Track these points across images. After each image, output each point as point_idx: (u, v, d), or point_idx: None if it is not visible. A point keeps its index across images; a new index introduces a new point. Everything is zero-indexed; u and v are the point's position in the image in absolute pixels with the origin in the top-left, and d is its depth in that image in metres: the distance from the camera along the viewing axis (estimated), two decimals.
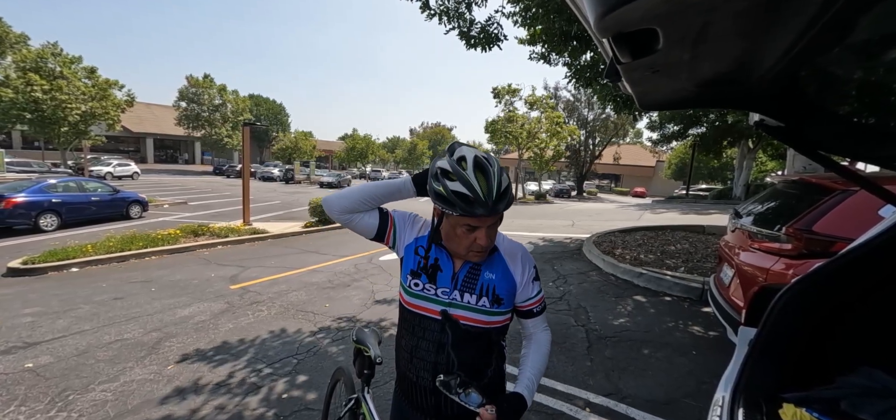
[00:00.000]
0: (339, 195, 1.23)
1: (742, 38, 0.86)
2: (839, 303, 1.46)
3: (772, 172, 28.52)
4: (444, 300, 1.16)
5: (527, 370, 1.21)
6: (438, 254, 1.19)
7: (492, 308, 1.16)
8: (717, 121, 20.39)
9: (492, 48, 6.92)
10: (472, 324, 1.16)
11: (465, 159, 1.03)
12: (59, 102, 22.91)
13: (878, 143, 1.24)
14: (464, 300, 1.16)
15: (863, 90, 1.19)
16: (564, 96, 33.73)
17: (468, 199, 1.01)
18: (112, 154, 32.93)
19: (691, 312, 4.71)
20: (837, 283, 1.47)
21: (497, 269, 1.19)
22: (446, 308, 1.16)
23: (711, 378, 3.21)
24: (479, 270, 1.17)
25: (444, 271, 1.17)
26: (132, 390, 3.01)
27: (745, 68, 1.05)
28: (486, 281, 1.17)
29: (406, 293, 1.22)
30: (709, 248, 7.66)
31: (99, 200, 10.90)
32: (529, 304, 1.25)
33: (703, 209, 20.06)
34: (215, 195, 19.40)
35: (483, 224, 1.07)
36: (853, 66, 1.06)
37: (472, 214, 1.02)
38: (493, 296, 1.16)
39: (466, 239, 1.09)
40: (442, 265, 1.18)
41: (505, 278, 1.19)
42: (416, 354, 1.20)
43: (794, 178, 3.28)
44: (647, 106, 1.41)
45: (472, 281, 1.16)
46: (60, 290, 5.33)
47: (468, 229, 1.08)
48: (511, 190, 1.08)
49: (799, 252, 2.59)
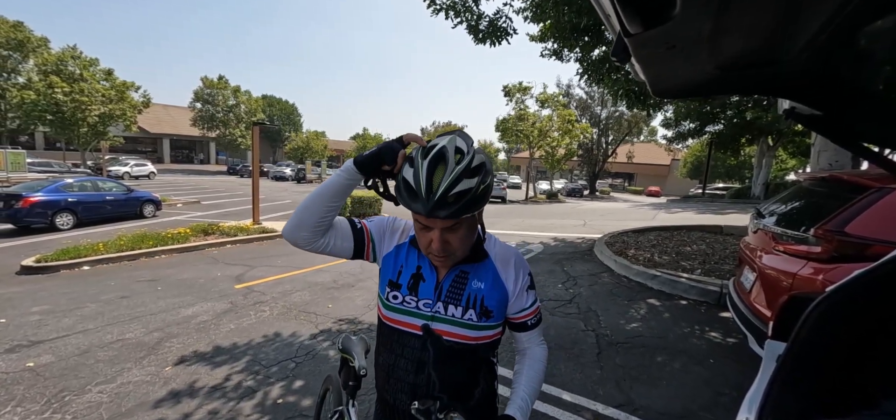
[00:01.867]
0: (291, 219, 1.04)
1: (776, 5, 0.70)
2: (885, 317, 1.28)
3: (794, 170, 27.65)
4: (425, 313, 1.03)
5: (520, 390, 1.06)
6: (421, 261, 1.06)
7: (479, 322, 1.02)
8: (735, 117, 19.80)
9: (501, 42, 6.77)
10: (457, 340, 1.02)
11: (432, 148, 0.90)
12: (79, 104, 23.52)
13: None
14: (448, 313, 1.02)
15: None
16: (577, 94, 33.32)
17: (410, 190, 0.90)
18: (130, 154, 33.71)
19: (708, 317, 4.48)
20: (881, 295, 1.29)
21: (487, 277, 1.04)
22: (428, 322, 1.02)
23: (730, 389, 3.01)
24: (466, 278, 1.03)
25: (426, 281, 1.04)
26: (128, 392, 2.96)
27: (775, 45, 0.89)
28: (474, 290, 1.03)
29: (383, 306, 1.08)
30: (727, 250, 7.37)
31: (114, 199, 11.09)
32: (523, 316, 1.10)
33: (721, 209, 19.53)
34: (228, 194, 19.63)
35: (432, 225, 0.93)
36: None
37: (412, 209, 0.91)
38: (480, 308, 1.02)
39: (423, 238, 0.97)
40: (425, 273, 1.05)
41: (495, 287, 1.04)
42: (394, 374, 1.06)
43: (823, 175, 3.05)
44: (661, 92, 1.25)
45: (457, 291, 1.02)
46: (70, 289, 5.37)
47: (422, 227, 0.96)
48: (475, 195, 0.89)
49: (830, 255, 2.38)
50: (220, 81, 39.51)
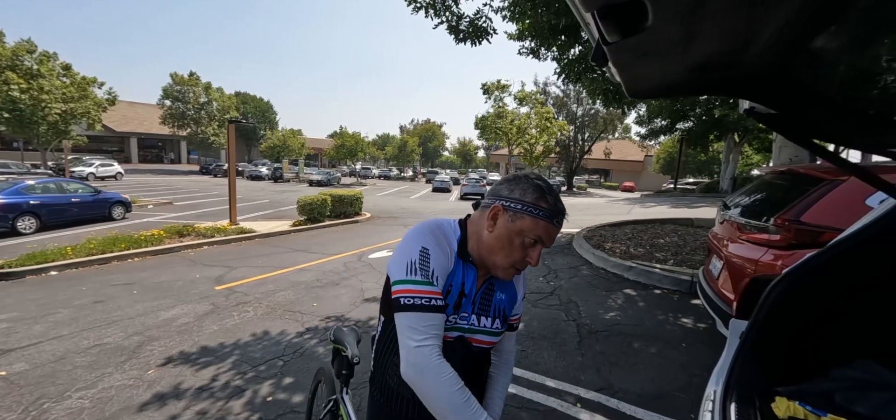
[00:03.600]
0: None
1: (737, 13, 0.81)
2: (834, 294, 1.43)
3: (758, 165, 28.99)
4: (463, 326, 1.06)
5: (497, 394, 1.20)
6: (466, 276, 1.05)
7: (502, 328, 1.12)
8: (703, 115, 20.64)
9: (481, 42, 6.87)
10: (483, 346, 1.10)
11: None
12: (38, 101, 22.28)
13: (874, 129, 1.21)
14: (480, 324, 1.08)
15: (859, 75, 1.16)
16: (554, 92, 33.83)
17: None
18: (94, 154, 32.15)
19: (681, 305, 4.73)
20: (829, 275, 1.44)
21: (508, 289, 1.13)
22: (464, 334, 1.07)
23: (702, 370, 3.21)
24: (493, 290, 1.10)
25: (468, 297, 1.05)
26: (111, 396, 2.90)
27: (738, 50, 1.00)
28: (498, 301, 1.10)
29: None
30: (698, 241, 7.73)
31: (80, 202, 10.61)
32: (515, 319, 1.22)
33: (692, 202, 20.31)
34: (202, 194, 19.05)
35: (550, 239, 0.98)
36: (850, 48, 1.02)
37: (555, 210, 0.96)
38: (502, 316, 1.11)
39: (518, 253, 0.98)
40: (468, 290, 1.05)
41: (512, 299, 1.14)
42: None
43: (782, 169, 3.28)
44: (636, 94, 1.36)
45: (486, 302, 1.09)
46: (38, 295, 5.15)
47: (531, 243, 0.97)
48: None
49: (788, 243, 2.58)
50: (190, 78, 38.06)
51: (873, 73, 1.16)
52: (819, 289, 1.44)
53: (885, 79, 1.17)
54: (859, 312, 1.42)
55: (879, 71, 1.15)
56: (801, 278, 1.43)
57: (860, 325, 1.42)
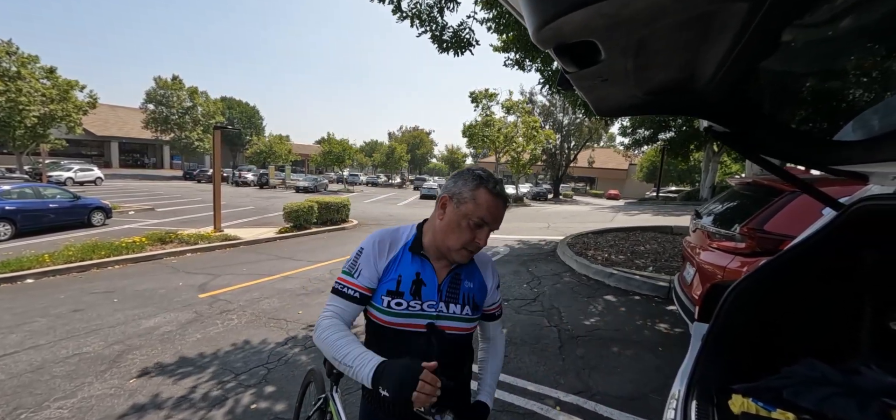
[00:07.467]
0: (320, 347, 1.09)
1: (679, 50, 0.90)
2: (783, 298, 1.55)
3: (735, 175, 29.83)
4: (430, 314, 1.15)
5: (488, 377, 1.32)
6: (421, 267, 1.17)
7: (473, 315, 1.21)
8: (683, 125, 21.19)
9: (464, 53, 6.99)
10: (457, 332, 1.18)
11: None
12: (16, 104, 21.61)
13: (814, 148, 1.33)
14: (450, 311, 1.17)
15: (797, 96, 1.28)
16: (540, 101, 34.33)
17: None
18: (74, 158, 31.33)
19: (659, 311, 4.87)
20: (781, 279, 1.56)
21: (474, 278, 1.24)
22: (433, 321, 1.15)
23: (676, 373, 3.33)
24: (460, 279, 1.20)
25: (428, 285, 1.16)
26: (90, 406, 2.87)
27: (690, 77, 1.11)
28: (466, 289, 1.20)
29: (383, 314, 1.15)
30: (676, 248, 7.95)
31: (58, 207, 10.36)
32: (493, 308, 1.33)
33: (673, 210, 20.79)
34: (185, 201, 18.71)
35: (494, 220, 1.11)
36: (787, 73, 1.14)
37: (493, 192, 1.09)
38: (472, 303, 1.21)
39: (467, 234, 1.11)
40: (425, 278, 1.16)
41: (481, 287, 1.25)
42: None
43: (749, 181, 3.45)
44: (603, 112, 1.46)
45: (454, 291, 1.19)
46: (13, 304, 5.02)
47: (476, 224, 1.10)
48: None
49: (752, 250, 2.73)
50: (174, 82, 37.46)
51: (810, 99, 1.29)
52: (770, 293, 1.56)
53: (821, 105, 1.29)
54: (805, 314, 1.54)
55: (814, 97, 1.27)
56: (754, 283, 1.55)
57: (806, 325, 1.54)
